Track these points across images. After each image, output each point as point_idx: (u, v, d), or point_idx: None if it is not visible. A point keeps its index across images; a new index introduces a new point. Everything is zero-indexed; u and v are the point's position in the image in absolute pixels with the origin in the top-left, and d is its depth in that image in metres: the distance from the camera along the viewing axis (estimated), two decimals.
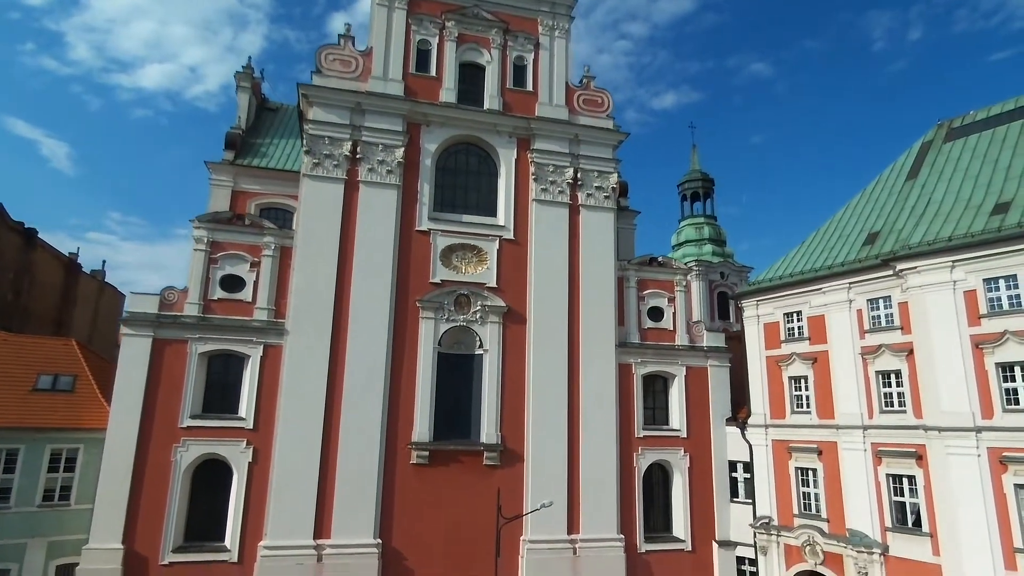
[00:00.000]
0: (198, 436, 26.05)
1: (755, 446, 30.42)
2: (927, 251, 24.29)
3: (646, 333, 32.44)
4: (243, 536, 25.64)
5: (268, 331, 27.44)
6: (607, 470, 29.73)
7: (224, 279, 27.76)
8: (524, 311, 30.56)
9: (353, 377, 27.69)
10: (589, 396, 30.29)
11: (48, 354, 28.29)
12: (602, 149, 33.26)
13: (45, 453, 25.34)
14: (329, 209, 28.98)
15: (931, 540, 23.48)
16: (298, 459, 26.40)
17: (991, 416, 22.11)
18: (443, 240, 30.36)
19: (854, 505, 26.06)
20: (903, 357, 25.24)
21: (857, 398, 26.54)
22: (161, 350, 26.36)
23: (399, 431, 27.98)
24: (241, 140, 37.60)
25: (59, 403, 26.53)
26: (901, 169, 30.75)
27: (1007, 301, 22.43)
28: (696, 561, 30.39)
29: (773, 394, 30.22)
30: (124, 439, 25.12)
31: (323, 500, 26.43)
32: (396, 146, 30.27)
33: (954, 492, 22.61)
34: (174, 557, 24.95)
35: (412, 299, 29.30)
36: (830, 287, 28.22)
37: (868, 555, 25.07)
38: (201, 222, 27.83)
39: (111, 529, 24.39)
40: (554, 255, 31.38)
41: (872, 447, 25.79)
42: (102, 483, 24.61)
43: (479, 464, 28.53)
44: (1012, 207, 23.49)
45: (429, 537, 27.22)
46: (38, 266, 38.89)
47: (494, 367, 29.60)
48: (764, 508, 29.49)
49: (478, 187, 32.15)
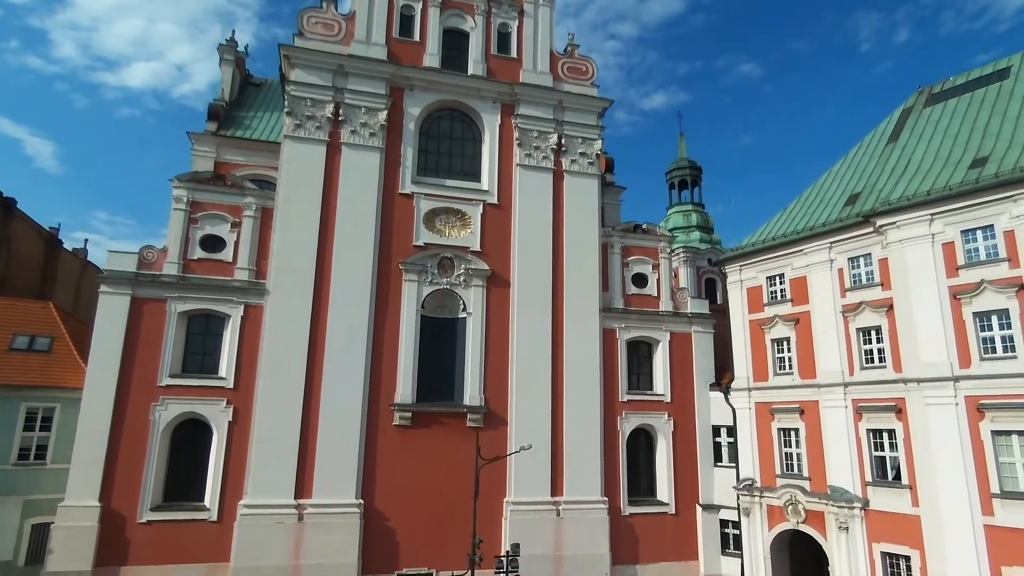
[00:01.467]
0: (177, 395, 25.77)
1: (738, 409, 30.51)
2: (907, 205, 24.44)
3: (630, 299, 32.45)
4: (223, 495, 25.40)
5: (249, 291, 27.21)
6: (591, 433, 29.72)
7: (204, 239, 27.49)
8: (508, 275, 30.49)
9: (335, 338, 27.50)
10: (573, 360, 30.26)
11: (25, 315, 27.95)
12: (586, 116, 33.25)
13: (20, 411, 25.04)
14: (311, 170, 28.77)
15: (910, 492, 23.60)
16: (279, 419, 26.17)
17: (969, 365, 22.27)
18: (426, 204, 30.23)
19: (835, 462, 26.17)
20: (883, 313, 25.38)
21: (838, 356, 26.66)
22: (139, 308, 26.05)
23: (382, 393, 27.81)
24: (224, 112, 37.35)
25: (35, 363, 26.21)
26: (882, 134, 30.96)
27: (984, 251, 22.60)
28: (680, 524, 30.43)
29: (756, 357, 30.32)
30: (101, 396, 24.79)
31: (304, 460, 26.22)
32: (379, 109, 30.11)
33: (932, 442, 22.74)
34: (152, 516, 24.67)
35: (395, 262, 29.15)
36: (812, 248, 28.35)
37: (849, 510, 25.19)
38: (181, 182, 27.55)
39: (88, 487, 24.06)
40: (538, 220, 31.33)
41: (853, 403, 25.91)
42: (79, 440, 24.28)
43: (462, 426, 28.41)
44: (990, 161, 23.69)
45: (412, 498, 27.07)
46: (17, 238, 38.33)
47: (478, 330, 29.50)
48: (747, 470, 29.58)
49: (462, 152, 32.05)
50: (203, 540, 24.84)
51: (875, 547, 24.42)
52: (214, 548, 24.80)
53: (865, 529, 24.75)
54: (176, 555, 24.45)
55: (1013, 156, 22.99)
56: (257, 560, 24.58)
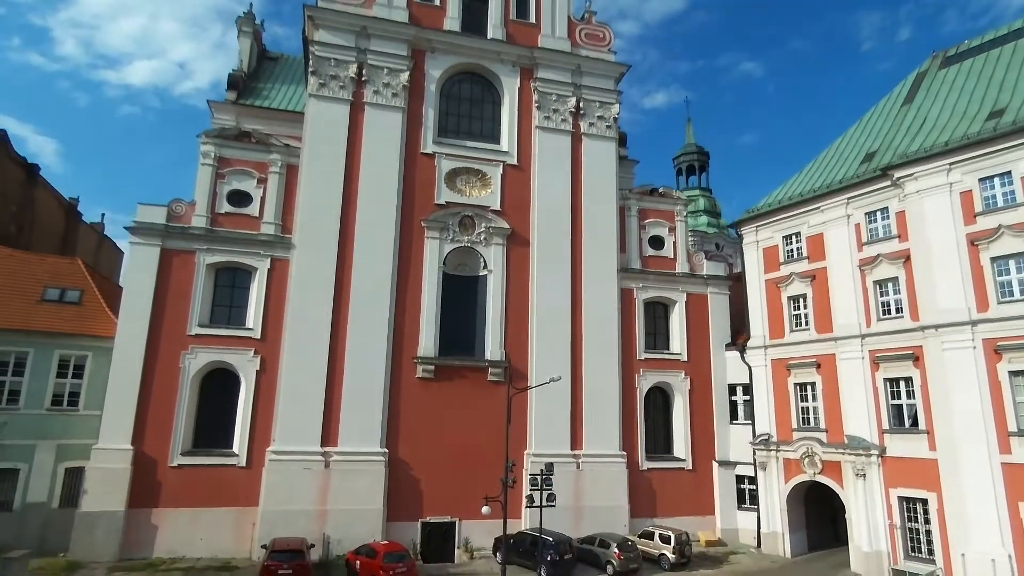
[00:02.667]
0: (206, 344, 26.28)
1: (754, 367, 30.93)
2: (924, 157, 24.84)
3: (647, 260, 32.90)
4: (251, 442, 25.91)
5: (275, 244, 27.70)
6: (609, 389, 30.18)
7: (231, 194, 27.99)
8: (527, 234, 30.94)
9: (359, 291, 27.98)
10: (591, 318, 30.71)
11: (54, 270, 28.44)
12: (604, 80, 33.67)
13: (54, 358, 25.52)
14: (335, 128, 29.24)
15: (927, 436, 24.03)
16: (305, 369, 26.65)
17: (986, 309, 22.67)
18: (447, 163, 30.68)
19: (852, 412, 26.59)
20: (900, 264, 25.79)
21: (855, 309, 27.08)
22: (169, 260, 26.56)
23: (405, 346, 28.29)
24: (243, 82, 37.83)
25: (67, 313, 26.70)
26: (897, 97, 31.33)
27: (1001, 198, 23.01)
28: (696, 480, 30.90)
29: (772, 315, 30.75)
30: (133, 344, 25.31)
31: (330, 409, 26.70)
32: (401, 70, 30.56)
33: (950, 386, 23.16)
34: (183, 460, 25.19)
35: (417, 219, 29.61)
36: (828, 205, 28.75)
37: (866, 458, 25.61)
38: (208, 137, 28.03)
39: (121, 431, 24.59)
40: (557, 180, 31.78)
41: (870, 354, 26.33)
42: (111, 385, 24.80)
43: (483, 380, 28.89)
44: (1007, 111, 24.07)
45: (434, 449, 27.53)
46: (40, 204, 38.86)
47: (498, 287, 29.96)
48: (763, 426, 30.01)
49: (481, 115, 32.50)
50: (232, 484, 25.36)
51: (892, 492, 24.84)
52: (243, 492, 25.31)
53: (882, 475, 25.18)
54: (206, 499, 24.97)
55: None
56: (285, 504, 25.07)
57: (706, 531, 29.95)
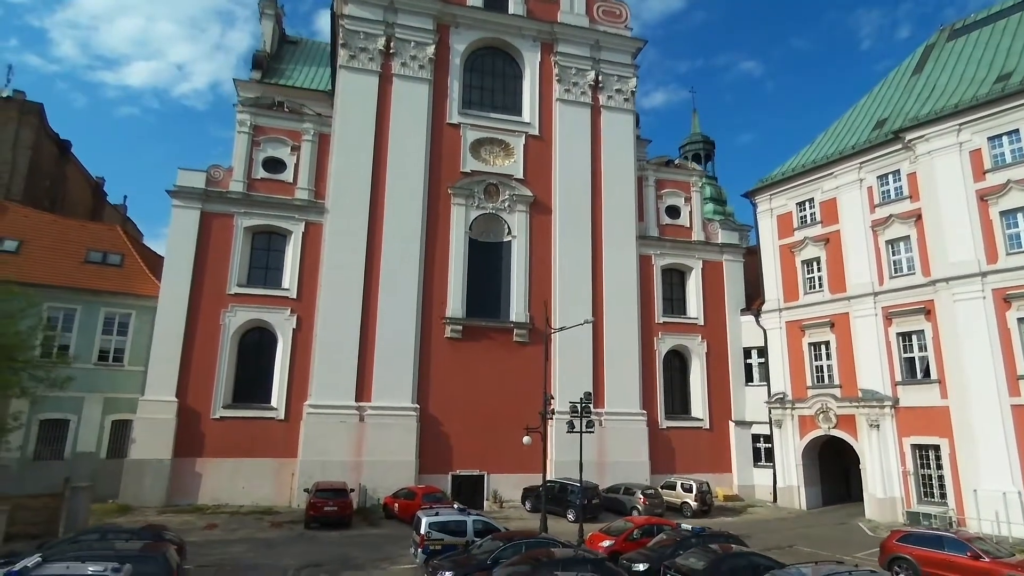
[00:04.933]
0: (245, 303, 27.36)
1: (769, 330, 32.03)
2: (935, 118, 25.93)
3: (664, 229, 34.00)
4: (289, 397, 26.99)
5: (309, 209, 28.77)
6: (629, 350, 31.25)
7: (266, 161, 29.08)
8: (549, 202, 32.02)
9: (390, 254, 29.04)
10: (612, 282, 31.78)
11: (95, 235, 29.54)
12: (621, 55, 34.76)
13: (100, 315, 26.61)
14: (365, 98, 30.31)
15: (939, 386, 25.12)
16: (339, 328, 27.71)
17: (995, 261, 23.76)
18: (472, 134, 31.75)
19: (866, 367, 27.67)
20: (911, 223, 26.88)
21: (868, 268, 28.17)
22: (208, 223, 27.63)
23: (434, 307, 29.35)
24: (266, 63, 38.85)
25: (109, 273, 27.78)
26: (906, 69, 32.41)
27: (1010, 155, 24.09)
28: (714, 438, 31.98)
29: (786, 279, 31.84)
30: (175, 301, 26.39)
31: (363, 366, 27.76)
32: (427, 44, 31.63)
33: (961, 336, 24.23)
34: (224, 412, 26.27)
35: (444, 186, 30.68)
36: (841, 170, 29.85)
37: (880, 409, 26.69)
38: (244, 106, 29.12)
39: (165, 384, 25.66)
40: (577, 151, 32.85)
41: (883, 311, 27.41)
42: (156, 341, 25.88)
43: (509, 340, 29.97)
44: (1014, 74, 25.15)
45: (463, 406, 28.58)
46: (70, 181, 39.97)
47: (522, 252, 31.03)
48: (779, 385, 31.10)
49: (504, 88, 33.58)
50: (272, 436, 26.44)
51: (905, 441, 25.93)
52: (282, 444, 26.39)
53: (895, 425, 26.27)
54: (247, 449, 26.04)
55: None
56: (323, 455, 26.13)
57: (724, 487, 31.00)
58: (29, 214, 28.93)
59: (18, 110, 33.16)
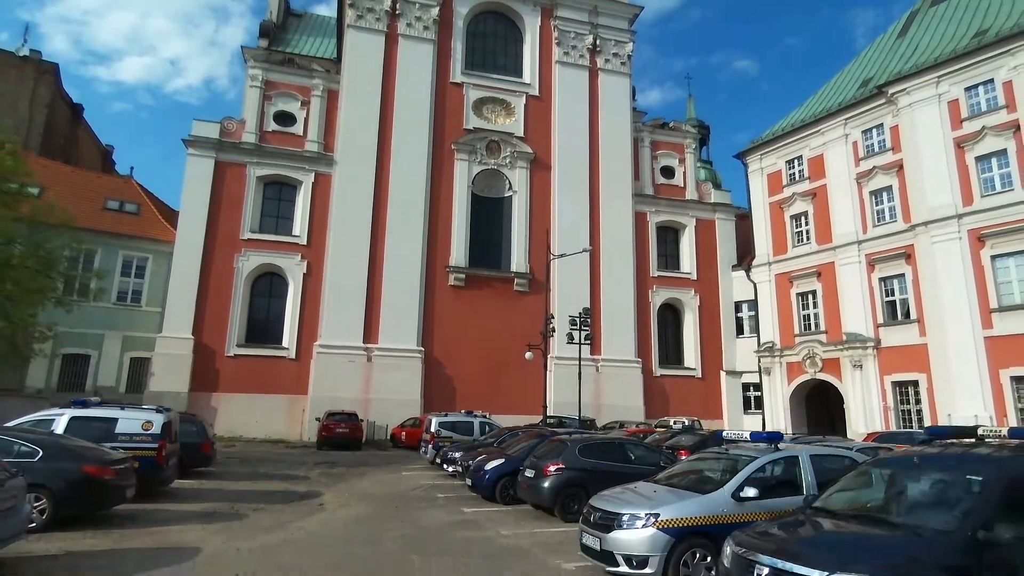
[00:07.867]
0: (257, 248, 28.58)
1: (759, 283, 33.37)
2: (916, 71, 27.29)
3: (659, 188, 35.32)
4: (299, 337, 28.24)
5: (318, 160, 29.98)
6: (625, 301, 32.58)
7: (277, 114, 30.28)
8: (549, 159, 33.29)
9: (396, 205, 30.29)
10: (609, 236, 33.09)
11: (112, 186, 30.73)
12: (618, 21, 36.05)
13: (119, 258, 27.82)
14: (372, 56, 31.52)
15: (918, 325, 26.50)
16: (348, 273, 28.96)
17: (971, 203, 25.11)
18: (475, 93, 32.99)
19: (850, 312, 29.03)
20: (893, 174, 28.25)
21: (852, 219, 29.52)
22: (222, 172, 28.82)
23: (438, 256, 30.62)
24: (274, 32, 39.95)
25: (127, 220, 28.94)
26: (891, 34, 33.78)
27: (985, 103, 25.45)
28: (705, 387, 33.36)
29: (776, 235, 33.18)
30: (191, 245, 27.57)
31: (371, 310, 29.02)
32: (431, 5, 32.84)
33: (939, 276, 25.58)
34: (238, 351, 27.48)
35: (448, 142, 31.92)
36: (828, 127, 31.19)
37: (863, 350, 28.07)
38: (256, 61, 30.32)
39: (182, 322, 26.87)
40: (576, 111, 34.12)
41: (866, 258, 28.78)
42: (173, 281, 27.07)
43: (510, 290, 31.26)
44: (990, 30, 26.51)
45: (466, 350, 29.86)
46: (83, 144, 41.04)
47: (522, 207, 32.30)
48: (768, 335, 32.43)
49: (505, 51, 34.83)
50: (283, 374, 27.68)
51: (886, 379, 27.31)
52: (293, 381, 27.64)
53: (877, 365, 27.64)
54: (260, 386, 27.27)
55: (1011, 22, 25.82)
56: (332, 391, 27.35)
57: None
58: (48, 164, 30.03)
59: (35, 69, 34.24)
